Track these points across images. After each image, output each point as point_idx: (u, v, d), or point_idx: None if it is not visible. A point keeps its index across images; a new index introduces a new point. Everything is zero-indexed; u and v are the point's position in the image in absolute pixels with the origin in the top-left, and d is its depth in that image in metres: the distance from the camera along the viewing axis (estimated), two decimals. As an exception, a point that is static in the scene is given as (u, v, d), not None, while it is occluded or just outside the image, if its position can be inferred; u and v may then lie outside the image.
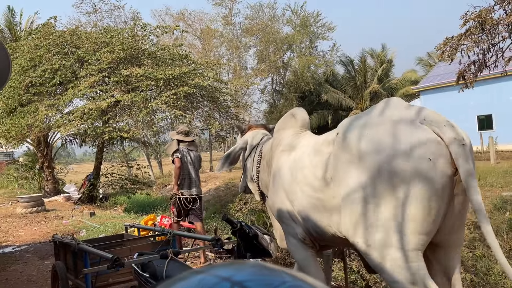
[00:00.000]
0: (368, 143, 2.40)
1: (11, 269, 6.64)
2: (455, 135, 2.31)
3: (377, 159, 2.34)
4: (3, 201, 16.56)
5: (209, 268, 0.48)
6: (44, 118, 12.46)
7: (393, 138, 2.34)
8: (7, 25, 21.30)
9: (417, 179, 2.25)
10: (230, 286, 0.43)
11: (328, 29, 30.12)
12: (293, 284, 0.44)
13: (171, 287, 0.46)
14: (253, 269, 0.47)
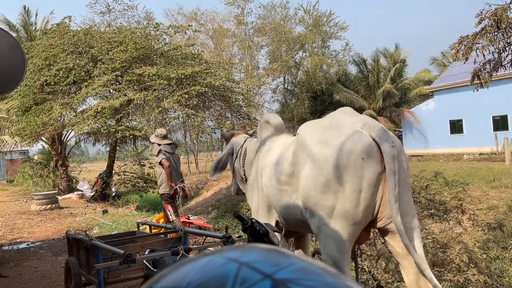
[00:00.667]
0: (318, 143, 2.94)
1: (25, 265, 6.75)
2: (386, 138, 2.78)
3: (324, 156, 2.86)
4: (18, 198, 16.83)
5: (217, 251, 0.49)
6: (58, 116, 12.63)
7: (338, 139, 2.84)
8: (23, 25, 21.64)
9: (353, 174, 2.73)
10: (237, 267, 0.43)
11: (340, 28, 29.94)
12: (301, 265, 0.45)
13: (180, 268, 0.46)
14: (260, 251, 0.47)
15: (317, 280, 0.43)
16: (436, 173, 5.67)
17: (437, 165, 15.71)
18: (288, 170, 3.22)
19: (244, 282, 0.42)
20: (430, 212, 5.07)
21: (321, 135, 2.98)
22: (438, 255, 4.43)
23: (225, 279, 0.43)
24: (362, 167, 2.73)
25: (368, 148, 2.76)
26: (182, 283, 0.43)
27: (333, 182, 2.80)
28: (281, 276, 0.43)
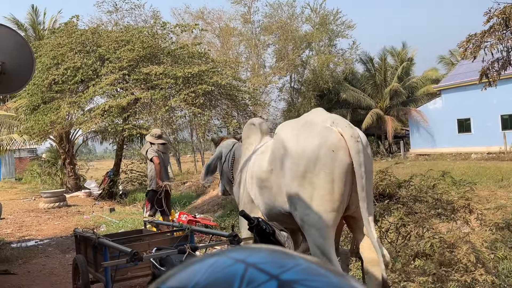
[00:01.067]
0: (294, 139, 3.24)
1: (34, 262, 6.82)
2: (352, 134, 3.07)
3: (299, 151, 3.15)
4: (26, 196, 16.98)
5: (223, 251, 0.49)
6: (66, 115, 12.73)
7: (311, 135, 3.16)
8: (31, 24, 21.79)
9: (323, 167, 3.04)
10: (244, 268, 0.44)
11: (347, 27, 29.80)
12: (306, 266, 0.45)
13: (187, 269, 0.47)
14: (266, 251, 0.48)
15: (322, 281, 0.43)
16: (443, 173, 5.64)
17: (444, 164, 15.62)
18: (268, 167, 3.52)
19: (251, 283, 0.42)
20: (437, 212, 5.04)
21: (296, 133, 3.30)
22: (445, 255, 4.41)
23: (232, 279, 0.43)
24: (332, 159, 3.05)
25: (337, 142, 3.08)
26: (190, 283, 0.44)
27: (308, 173, 3.10)
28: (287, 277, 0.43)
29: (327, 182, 3.04)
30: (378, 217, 4.90)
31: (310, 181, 3.09)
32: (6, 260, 6.89)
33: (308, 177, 3.10)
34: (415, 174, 5.82)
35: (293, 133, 3.32)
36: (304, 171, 3.11)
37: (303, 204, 3.11)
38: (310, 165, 3.10)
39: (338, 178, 3.04)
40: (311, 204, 3.07)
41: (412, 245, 4.67)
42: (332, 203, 3.05)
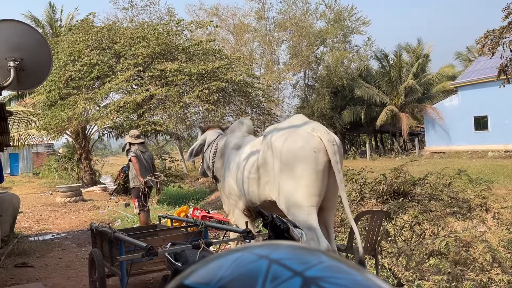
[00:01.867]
0: (281, 141, 3.89)
1: (51, 255, 6.94)
2: (329, 138, 3.77)
3: (286, 151, 3.81)
4: (43, 190, 17.30)
5: (246, 247, 0.50)
6: (82, 111, 12.90)
7: (295, 139, 3.84)
8: (48, 21, 22.09)
9: (308, 163, 3.72)
10: (268, 264, 0.45)
11: (362, 23, 29.53)
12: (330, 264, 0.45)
13: (209, 264, 0.48)
14: (289, 248, 0.48)
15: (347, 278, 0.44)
16: (459, 171, 5.57)
17: (460, 162, 15.41)
18: (257, 162, 4.19)
19: (275, 279, 0.43)
20: (453, 210, 4.99)
21: (283, 136, 3.95)
22: (460, 253, 4.36)
23: (256, 275, 0.44)
24: (314, 158, 3.75)
25: (318, 145, 3.77)
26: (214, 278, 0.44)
27: (295, 168, 3.80)
28: (312, 273, 0.43)
29: (310, 175, 3.75)
30: (393, 215, 4.87)
31: (296, 174, 3.78)
32: (24, 253, 7.03)
33: (295, 171, 3.79)
34: (430, 172, 5.76)
35: (280, 135, 3.99)
36: (291, 167, 3.81)
37: (290, 191, 3.82)
38: (296, 162, 3.79)
39: (318, 173, 3.75)
40: (297, 191, 3.78)
41: (427, 243, 4.63)
42: (314, 191, 3.76)
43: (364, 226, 4.95)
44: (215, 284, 0.44)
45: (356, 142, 36.79)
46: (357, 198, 5.78)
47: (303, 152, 3.77)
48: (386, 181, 5.72)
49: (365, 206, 5.55)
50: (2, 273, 5.97)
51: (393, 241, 4.91)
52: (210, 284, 0.44)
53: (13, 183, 21.40)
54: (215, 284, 0.44)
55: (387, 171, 6.08)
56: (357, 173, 6.08)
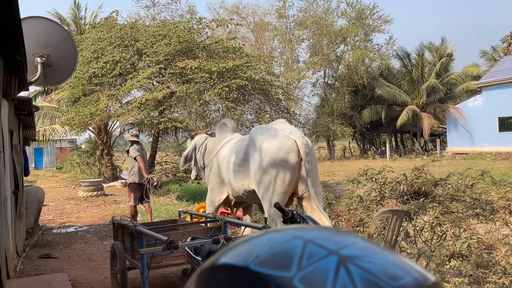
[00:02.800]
0: (263, 141, 4.67)
1: (74, 248, 7.11)
2: (302, 141, 4.51)
3: (266, 149, 4.59)
4: (66, 185, 17.69)
5: (280, 229, 0.52)
6: (105, 107, 13.11)
7: (275, 140, 4.62)
8: (73, 19, 22.54)
9: (282, 162, 4.46)
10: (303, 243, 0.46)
11: (384, 21, 29.18)
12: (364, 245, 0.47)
13: (245, 243, 0.50)
14: (323, 230, 0.50)
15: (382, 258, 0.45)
16: (482, 172, 5.47)
17: (483, 164, 15.08)
18: (241, 157, 4.94)
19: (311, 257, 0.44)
20: (475, 212, 4.91)
21: (265, 136, 4.75)
22: (482, 256, 4.29)
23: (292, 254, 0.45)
24: (288, 158, 4.50)
25: (292, 146, 4.52)
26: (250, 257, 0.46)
27: (271, 165, 4.53)
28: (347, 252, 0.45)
29: (283, 172, 4.50)
30: (413, 215, 4.82)
31: (272, 170, 4.53)
32: (48, 244, 7.22)
33: (271, 167, 4.53)
34: (452, 173, 5.68)
35: (262, 136, 4.79)
36: (268, 163, 4.57)
37: (266, 185, 4.61)
38: (273, 160, 4.54)
39: (290, 170, 4.50)
40: (272, 185, 4.58)
41: (447, 245, 4.57)
42: (284, 188, 4.54)
43: (383, 226, 4.92)
44: (251, 261, 0.46)
45: (376, 142, 36.39)
46: (377, 197, 5.73)
47: (278, 151, 4.56)
48: (406, 181, 5.66)
49: (385, 205, 5.51)
50: (27, 263, 6.14)
51: (413, 241, 4.86)
52: (246, 261, 0.46)
53: (38, 177, 21.94)
54: (252, 261, 0.46)
55: (407, 171, 6.01)
56: (377, 172, 6.03)
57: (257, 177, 4.66)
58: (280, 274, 0.44)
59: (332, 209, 7.92)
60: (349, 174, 12.13)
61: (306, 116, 31.02)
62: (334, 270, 0.43)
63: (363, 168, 6.06)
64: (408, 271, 0.45)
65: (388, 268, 0.44)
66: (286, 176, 4.47)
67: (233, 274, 0.46)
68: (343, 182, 12.79)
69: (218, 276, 0.47)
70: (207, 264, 0.50)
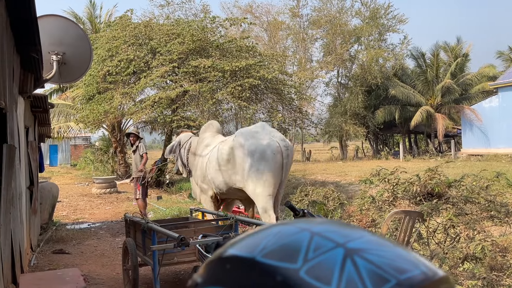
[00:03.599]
0: (248, 142, 5.33)
1: (86, 244, 7.20)
2: (284, 145, 5.27)
3: (251, 151, 5.27)
4: (80, 181, 17.91)
5: (288, 221, 0.52)
6: (119, 105, 13.24)
7: (259, 142, 5.28)
8: (88, 18, 22.81)
9: (269, 161, 5.18)
10: (310, 235, 0.46)
11: (399, 21, 28.87)
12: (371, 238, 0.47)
13: (252, 235, 0.50)
14: (331, 223, 0.50)
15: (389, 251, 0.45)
16: (498, 174, 5.38)
17: (499, 166, 14.84)
18: (226, 158, 5.54)
19: (318, 249, 0.44)
20: (490, 214, 4.83)
21: (249, 138, 5.40)
22: (497, 259, 4.23)
23: (299, 245, 0.45)
24: (273, 158, 5.25)
25: (276, 149, 5.27)
26: (257, 248, 0.46)
27: (259, 165, 5.26)
28: (354, 245, 0.45)
29: (270, 171, 5.24)
30: (426, 216, 4.77)
31: (261, 169, 5.24)
32: (61, 240, 7.33)
33: (260, 166, 5.25)
34: (467, 174, 5.59)
35: (247, 138, 5.42)
36: (255, 164, 5.26)
37: (255, 182, 5.28)
38: (260, 159, 5.25)
39: (276, 169, 5.27)
40: (261, 182, 5.26)
41: (461, 247, 4.51)
42: (272, 182, 5.28)
43: (396, 227, 4.87)
44: (258, 253, 0.46)
45: (389, 143, 36.07)
46: (390, 198, 5.68)
47: (266, 153, 5.25)
48: (419, 182, 5.60)
49: (397, 206, 5.46)
50: (40, 258, 6.24)
51: (426, 243, 4.80)
52: (253, 252, 0.46)
53: (52, 173, 22.27)
54: (258, 253, 0.46)
55: (421, 172, 5.94)
56: (389, 173, 5.97)
57: (248, 176, 5.30)
58: (286, 265, 0.44)
59: (344, 210, 7.88)
60: (362, 174, 12.05)
61: (319, 116, 30.90)
62: (340, 262, 0.42)
63: (376, 169, 6.01)
64: (416, 264, 0.44)
65: (395, 261, 0.43)
66: (274, 173, 5.25)
67: (240, 265, 0.46)
68: (355, 182, 12.71)
69: (225, 267, 0.47)
70: (215, 255, 0.50)
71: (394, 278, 0.42)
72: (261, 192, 5.23)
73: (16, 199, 3.73)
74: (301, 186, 9.34)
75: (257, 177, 5.21)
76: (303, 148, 30.84)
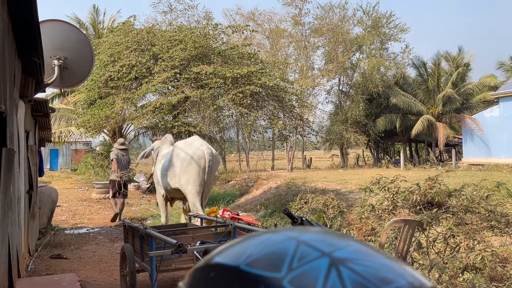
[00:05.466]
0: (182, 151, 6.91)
1: (85, 249, 7.17)
2: (208, 152, 6.84)
3: (183, 157, 6.83)
4: (80, 186, 17.89)
5: (275, 229, 0.51)
6: (120, 110, 13.27)
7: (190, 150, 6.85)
8: (92, 23, 22.92)
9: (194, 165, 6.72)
10: (296, 244, 0.46)
11: (400, 30, 28.97)
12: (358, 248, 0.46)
13: (239, 243, 0.49)
14: (318, 232, 0.50)
15: (375, 261, 0.44)
16: (498, 183, 5.37)
17: (500, 176, 14.81)
18: (167, 164, 7.07)
19: (303, 258, 0.44)
20: (490, 224, 4.80)
21: (182, 148, 6.97)
22: (497, 269, 4.20)
23: (284, 254, 0.45)
24: (198, 162, 6.70)
25: (200, 155, 6.77)
26: (242, 256, 0.46)
27: (188, 168, 6.74)
28: (339, 255, 0.44)
29: (197, 173, 6.73)
30: (426, 225, 4.74)
31: (189, 171, 6.73)
32: (60, 245, 7.30)
33: (188, 169, 6.74)
34: (467, 184, 5.58)
35: (181, 148, 6.98)
36: (186, 167, 6.77)
37: (186, 182, 6.78)
38: (188, 164, 6.75)
39: (200, 171, 6.73)
40: (189, 182, 6.75)
41: (461, 257, 4.48)
42: (198, 182, 6.73)
43: (395, 236, 4.85)
44: (243, 261, 0.45)
45: (390, 151, 36.03)
46: (389, 206, 5.66)
47: (193, 158, 6.70)
48: (420, 191, 5.58)
49: (397, 215, 5.44)
50: (38, 263, 6.21)
51: (426, 252, 4.77)
52: (238, 261, 0.46)
53: (53, 177, 22.24)
54: (244, 261, 0.45)
55: (421, 181, 5.93)
56: (390, 181, 5.96)
57: (180, 177, 6.82)
58: (271, 274, 0.43)
59: (343, 218, 7.85)
60: (362, 182, 12.02)
61: (320, 124, 30.93)
62: (325, 272, 0.42)
63: (376, 177, 5.99)
64: (402, 274, 0.44)
65: (380, 271, 0.43)
66: (199, 175, 6.71)
67: (224, 274, 0.46)
68: (355, 190, 12.68)
69: (209, 275, 0.46)
70: (201, 263, 0.49)
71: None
72: (190, 190, 6.74)
73: (14, 203, 3.73)
74: (301, 193, 9.32)
75: (186, 178, 6.74)
76: (304, 155, 30.82)
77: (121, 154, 10.02)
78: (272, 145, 31.41)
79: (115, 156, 9.98)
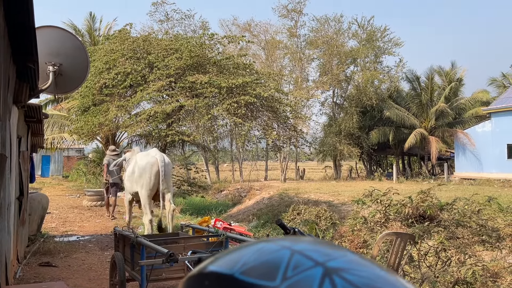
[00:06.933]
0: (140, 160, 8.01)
1: (74, 257, 7.09)
2: (161, 159, 7.83)
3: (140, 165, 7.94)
4: (71, 193, 17.73)
5: (270, 239, 0.52)
6: (114, 118, 13.21)
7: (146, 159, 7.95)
8: (88, 30, 22.94)
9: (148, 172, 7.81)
10: (290, 253, 0.46)
11: (395, 44, 29.34)
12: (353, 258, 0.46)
13: (233, 252, 0.50)
14: (313, 242, 0.50)
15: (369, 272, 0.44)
16: (489, 198, 5.40)
17: (491, 190, 14.91)
18: (131, 171, 8.10)
19: (297, 268, 0.44)
20: (481, 239, 4.83)
21: (140, 158, 7.98)
22: (487, 284, 4.21)
23: (278, 263, 0.45)
24: (150, 169, 7.74)
25: (154, 162, 7.76)
26: (237, 265, 0.46)
27: (142, 174, 7.79)
28: (333, 264, 0.44)
29: (148, 178, 7.70)
30: (417, 239, 4.75)
31: (142, 177, 7.74)
32: (49, 252, 7.21)
33: (141, 176, 7.76)
34: (459, 198, 5.61)
35: (140, 157, 8.02)
36: (140, 173, 7.78)
37: (140, 187, 7.78)
38: (142, 171, 7.78)
39: (152, 177, 7.71)
40: (143, 187, 7.75)
41: (452, 271, 4.49)
42: (150, 187, 7.73)
43: (387, 248, 4.85)
44: (238, 269, 0.45)
45: (382, 164, 36.19)
46: (381, 219, 5.67)
47: (146, 166, 7.75)
48: (412, 204, 5.60)
49: (389, 228, 5.44)
50: (27, 270, 6.13)
51: (417, 266, 4.78)
52: (232, 269, 0.46)
53: (44, 184, 22.03)
54: (238, 269, 0.45)
55: (413, 194, 5.96)
56: (382, 194, 5.98)
57: (137, 182, 7.86)
58: (265, 283, 0.43)
59: (336, 230, 7.85)
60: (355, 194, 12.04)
61: (314, 135, 31.03)
62: (318, 281, 0.42)
63: (369, 189, 6.01)
64: (395, 285, 0.44)
65: (374, 282, 0.43)
66: (151, 180, 7.72)
67: (218, 282, 0.46)
68: (348, 202, 12.69)
69: (203, 283, 0.46)
70: (195, 271, 0.49)
71: None
72: (143, 193, 7.79)
73: (4, 209, 3.68)
74: (294, 204, 9.31)
75: (141, 183, 7.79)
76: (297, 166, 30.85)
77: (113, 160, 10.87)
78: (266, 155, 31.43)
79: (107, 162, 11.06)
